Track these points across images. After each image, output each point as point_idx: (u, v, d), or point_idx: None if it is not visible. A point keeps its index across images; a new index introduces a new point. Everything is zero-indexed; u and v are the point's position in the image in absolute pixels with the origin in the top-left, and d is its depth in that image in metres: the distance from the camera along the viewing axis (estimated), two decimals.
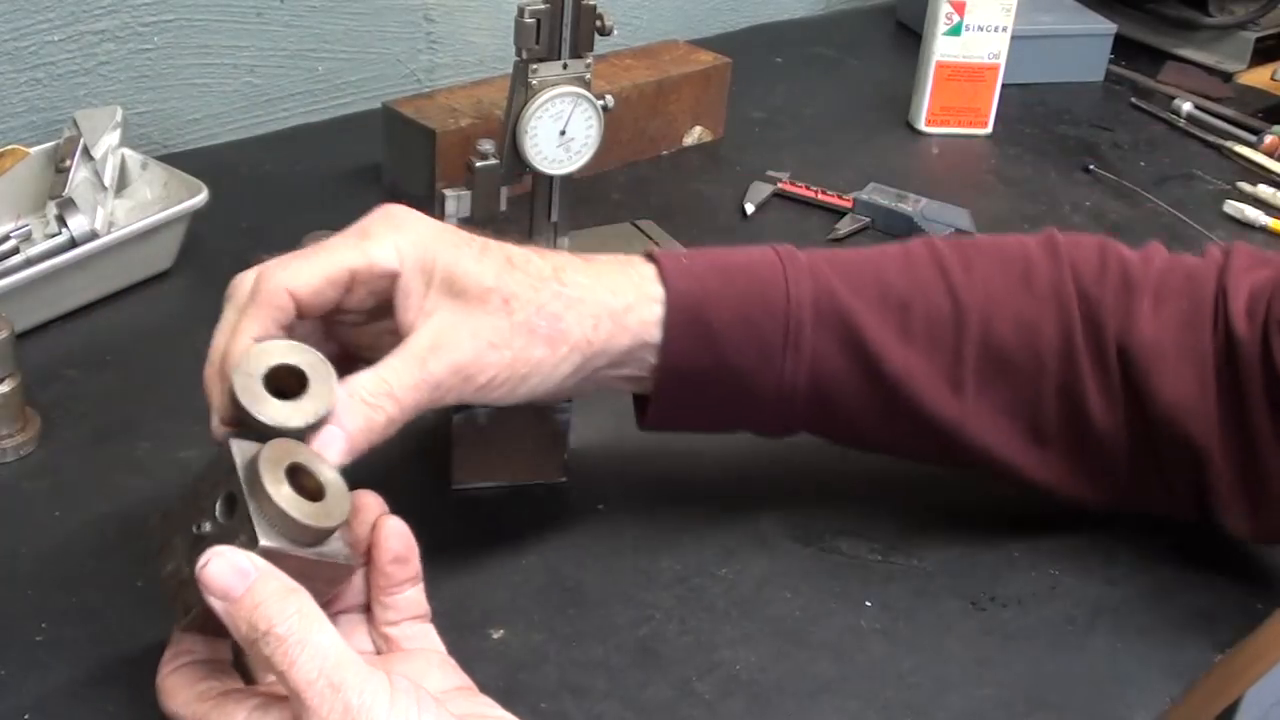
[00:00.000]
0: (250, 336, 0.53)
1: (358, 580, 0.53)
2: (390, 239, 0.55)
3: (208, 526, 0.49)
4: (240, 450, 0.50)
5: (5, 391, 0.67)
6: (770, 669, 0.59)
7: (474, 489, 0.68)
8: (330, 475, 0.51)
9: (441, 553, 0.55)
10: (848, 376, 0.61)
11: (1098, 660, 0.61)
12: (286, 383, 0.52)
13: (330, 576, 0.51)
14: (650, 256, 0.61)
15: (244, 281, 0.55)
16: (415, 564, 0.53)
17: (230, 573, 0.46)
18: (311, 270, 0.54)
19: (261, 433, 0.50)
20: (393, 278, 0.55)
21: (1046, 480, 0.64)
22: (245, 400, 0.50)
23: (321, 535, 0.49)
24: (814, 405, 0.62)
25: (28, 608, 0.59)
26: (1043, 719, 0.58)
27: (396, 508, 0.58)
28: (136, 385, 0.75)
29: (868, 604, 0.63)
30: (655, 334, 0.59)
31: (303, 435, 0.51)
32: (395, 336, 0.56)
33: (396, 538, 0.53)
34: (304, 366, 0.52)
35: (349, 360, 0.56)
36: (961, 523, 0.68)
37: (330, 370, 0.52)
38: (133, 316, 0.81)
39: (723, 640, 0.60)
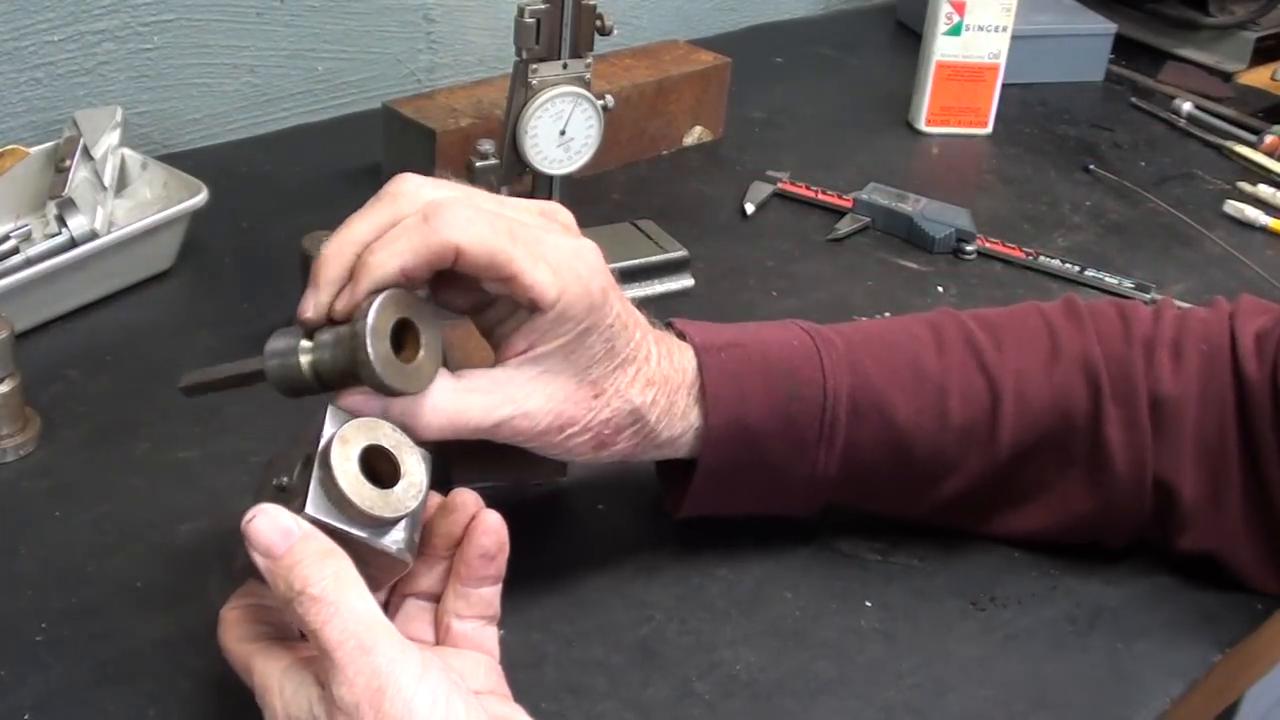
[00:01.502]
0: (400, 265, 0.51)
1: (437, 568, 0.54)
2: (568, 278, 0.53)
3: (285, 480, 0.50)
4: (333, 418, 0.51)
5: (5, 391, 0.67)
6: (770, 669, 0.59)
7: (474, 489, 0.68)
8: (413, 466, 0.51)
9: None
10: (881, 462, 0.62)
11: (1098, 660, 0.61)
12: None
13: (383, 565, 0.51)
14: (695, 347, 0.61)
15: (413, 191, 0.53)
16: (501, 563, 0.54)
17: (274, 530, 0.47)
18: (482, 244, 0.51)
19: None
20: (535, 308, 0.53)
21: (1061, 531, 0.65)
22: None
23: (377, 522, 0.49)
24: (844, 488, 0.63)
25: (28, 608, 0.59)
26: (1042, 719, 0.58)
27: None
28: (136, 385, 0.75)
29: (868, 604, 0.63)
30: (689, 450, 0.61)
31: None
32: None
33: (490, 534, 0.53)
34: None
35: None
36: None
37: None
38: (133, 316, 0.81)
39: (723, 640, 0.60)
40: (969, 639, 0.61)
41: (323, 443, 0.49)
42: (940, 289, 0.93)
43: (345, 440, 0.49)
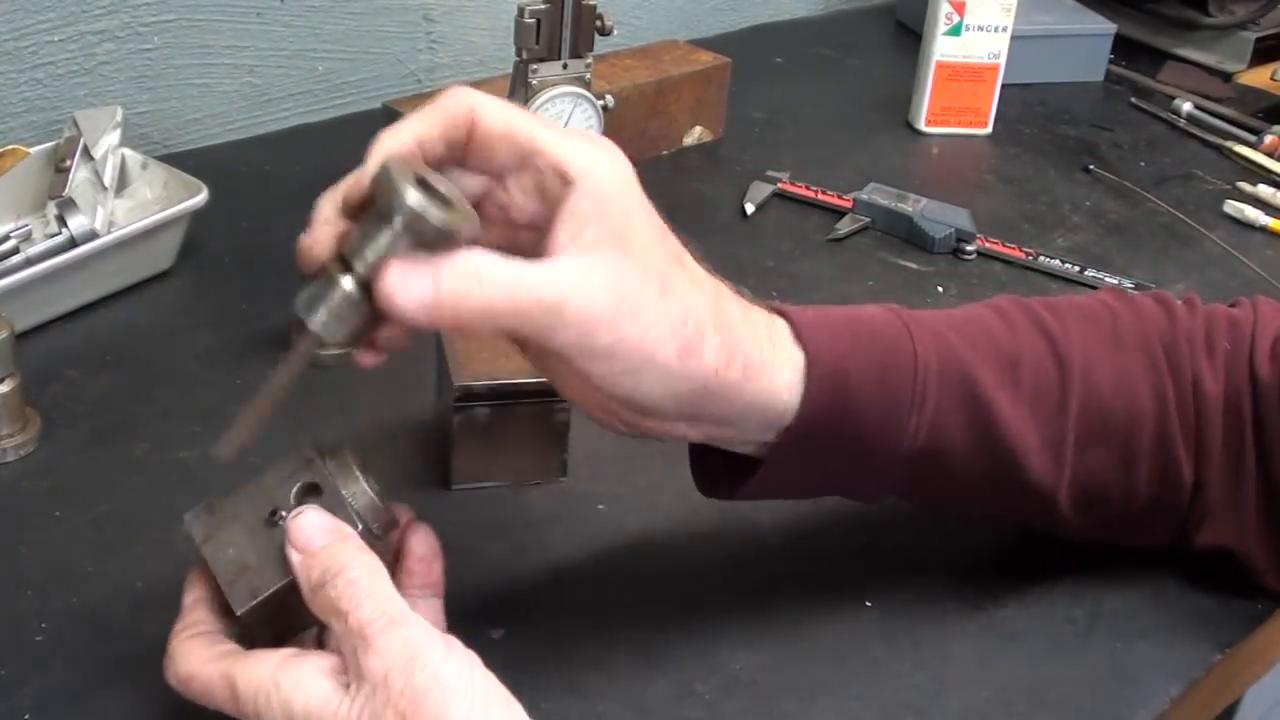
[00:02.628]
0: (415, 133, 0.49)
1: None
2: (599, 154, 0.49)
3: (284, 512, 0.51)
4: (314, 445, 0.52)
5: (5, 391, 0.67)
6: (770, 669, 0.59)
7: (474, 489, 0.68)
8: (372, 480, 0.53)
9: (441, 552, 0.55)
10: (963, 435, 0.58)
11: (1098, 660, 0.61)
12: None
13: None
14: (780, 311, 0.56)
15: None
16: (438, 571, 0.54)
17: (316, 528, 0.49)
18: (502, 110, 0.49)
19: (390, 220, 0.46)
20: (567, 181, 0.48)
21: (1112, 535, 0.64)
22: (397, 175, 0.46)
23: (389, 529, 0.53)
24: (923, 467, 0.58)
25: (28, 608, 0.59)
26: (1042, 719, 0.58)
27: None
28: (136, 385, 0.75)
29: (868, 604, 0.63)
30: (786, 398, 0.54)
31: (432, 238, 0.46)
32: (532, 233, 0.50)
33: (423, 541, 0.54)
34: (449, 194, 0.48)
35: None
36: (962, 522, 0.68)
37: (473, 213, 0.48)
38: (133, 316, 0.81)
39: (723, 640, 0.60)
40: (969, 639, 0.61)
41: (331, 464, 0.52)
42: (940, 289, 0.93)
43: (351, 461, 0.52)
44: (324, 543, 0.49)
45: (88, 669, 0.56)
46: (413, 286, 0.46)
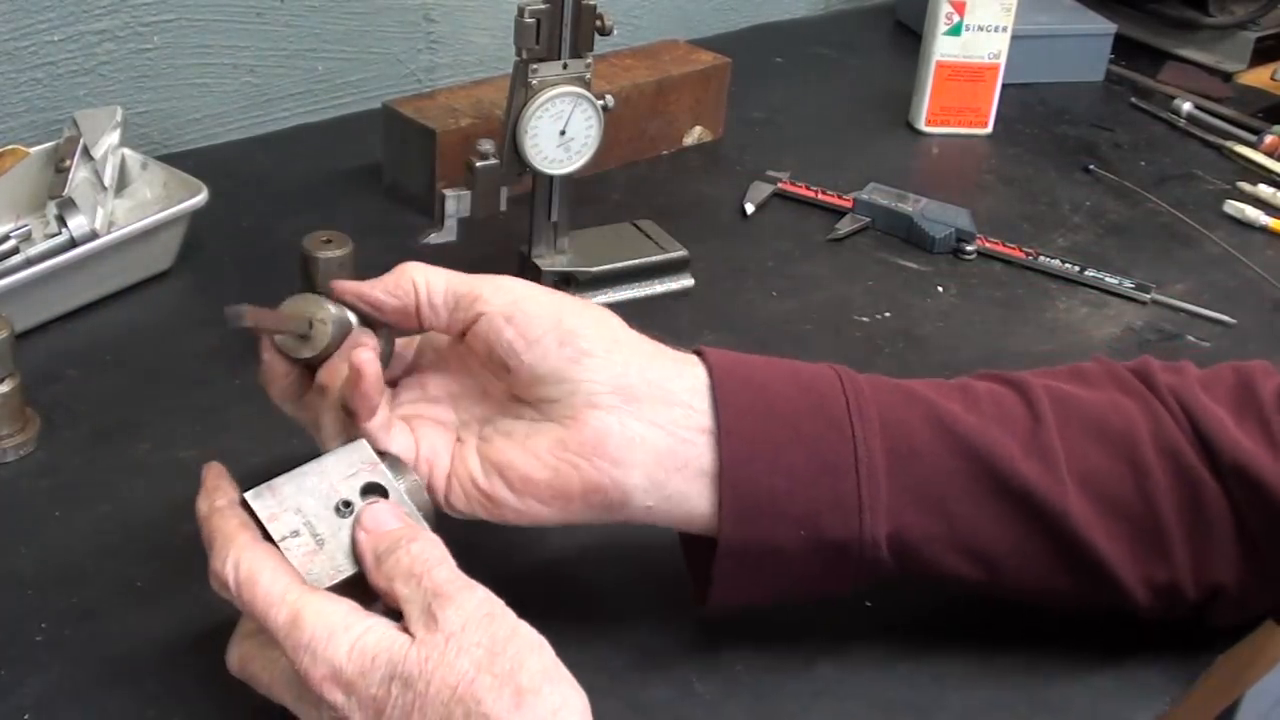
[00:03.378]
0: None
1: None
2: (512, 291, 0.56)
3: (354, 502, 0.53)
4: (341, 458, 0.54)
5: (5, 391, 0.67)
6: (770, 669, 0.59)
7: None
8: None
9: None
10: (925, 442, 0.55)
11: (1098, 660, 0.61)
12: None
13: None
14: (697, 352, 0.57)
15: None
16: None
17: (389, 515, 0.52)
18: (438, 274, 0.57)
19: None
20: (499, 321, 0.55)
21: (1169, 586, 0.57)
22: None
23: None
24: (897, 479, 0.55)
25: (28, 608, 0.59)
26: (1042, 719, 0.58)
27: None
28: (136, 385, 0.75)
29: (868, 604, 0.63)
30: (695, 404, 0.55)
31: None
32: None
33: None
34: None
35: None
36: None
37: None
38: (133, 316, 0.81)
39: (723, 640, 0.60)
40: (969, 639, 0.61)
41: (388, 470, 0.54)
42: (940, 289, 0.93)
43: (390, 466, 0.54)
44: (393, 526, 0.51)
45: (88, 669, 0.56)
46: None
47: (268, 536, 0.51)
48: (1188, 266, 0.98)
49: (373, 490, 0.53)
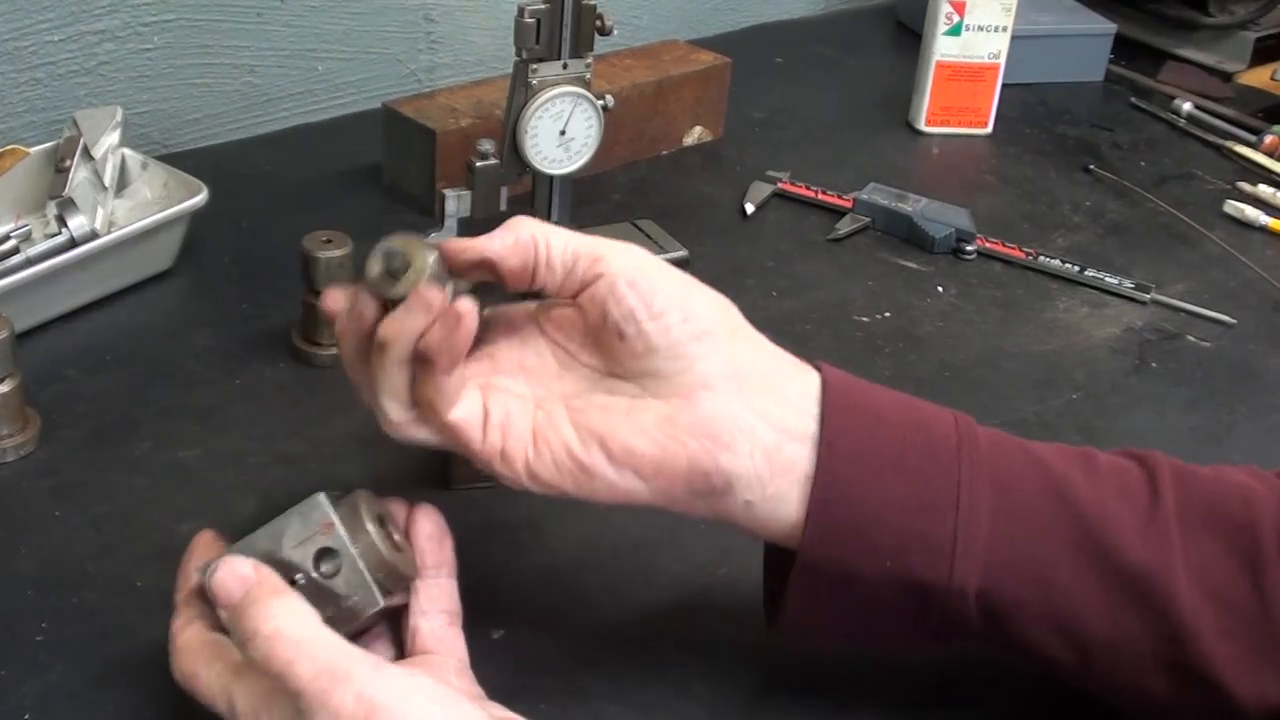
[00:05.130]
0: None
1: None
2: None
3: (301, 579, 0.50)
4: (333, 504, 0.51)
5: (5, 391, 0.67)
6: (771, 669, 0.59)
7: (474, 489, 0.68)
8: (399, 531, 0.54)
9: (449, 531, 0.55)
10: (1033, 500, 0.52)
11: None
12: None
13: (388, 613, 0.53)
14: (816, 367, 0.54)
15: None
16: (449, 549, 0.54)
17: (231, 579, 0.48)
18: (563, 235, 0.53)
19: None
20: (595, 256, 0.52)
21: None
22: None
23: (409, 583, 0.53)
24: (1001, 532, 0.51)
25: (28, 608, 0.59)
26: (1042, 719, 0.58)
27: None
28: (136, 385, 0.75)
29: None
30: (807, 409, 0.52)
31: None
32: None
33: (430, 519, 0.54)
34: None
35: None
36: None
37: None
38: (133, 316, 0.81)
39: (723, 640, 0.60)
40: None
41: (344, 531, 0.50)
42: (940, 289, 0.93)
43: (370, 520, 0.51)
44: (240, 592, 0.47)
45: (88, 669, 0.56)
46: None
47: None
48: (1188, 266, 0.98)
49: (326, 556, 0.50)
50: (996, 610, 0.51)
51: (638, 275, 0.51)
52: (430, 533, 0.54)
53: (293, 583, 0.49)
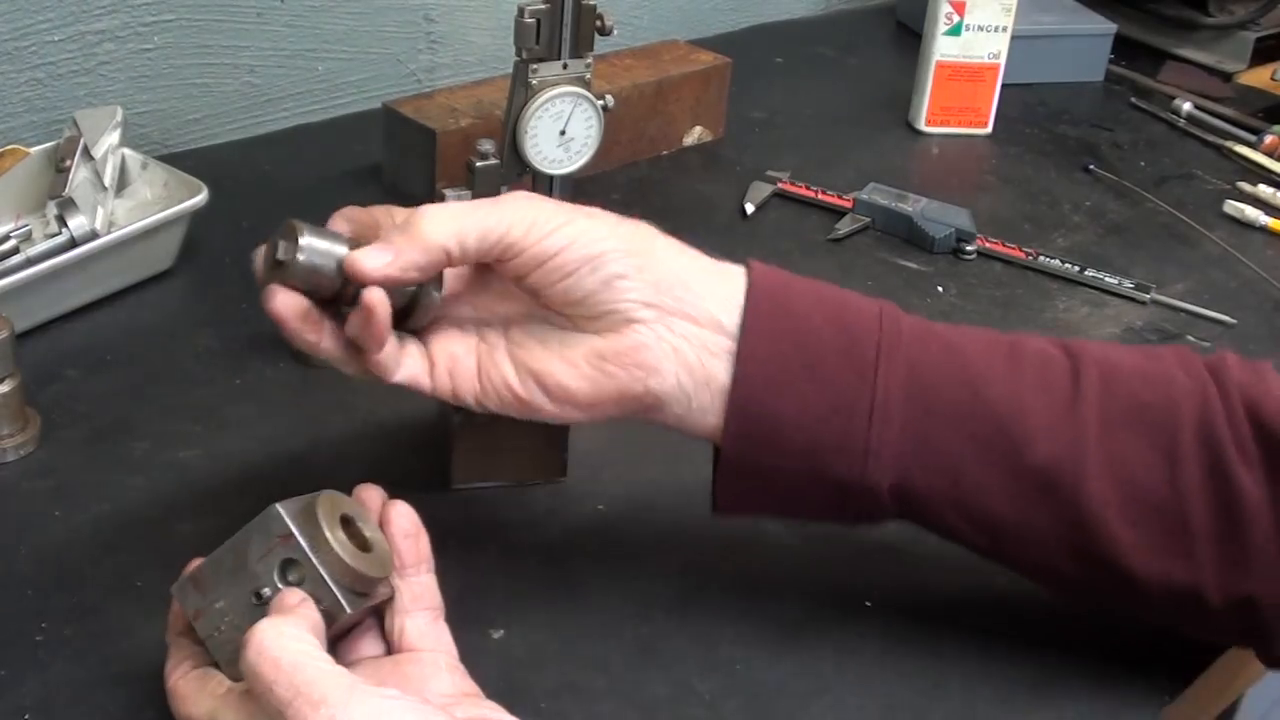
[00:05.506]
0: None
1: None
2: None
3: (268, 592, 0.50)
4: (290, 514, 0.50)
5: (5, 391, 0.67)
6: (770, 669, 0.59)
7: (474, 489, 0.68)
8: (371, 521, 0.53)
9: (442, 552, 0.55)
10: (949, 398, 0.54)
11: (1097, 660, 0.61)
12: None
13: (374, 609, 0.53)
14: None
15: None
16: (425, 545, 0.54)
17: (272, 643, 0.46)
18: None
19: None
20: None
21: (1185, 586, 0.55)
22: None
23: (379, 585, 0.52)
24: (914, 436, 0.54)
25: (28, 608, 0.59)
26: (1042, 718, 0.58)
27: None
28: (136, 385, 0.75)
29: (868, 604, 0.63)
30: (727, 294, 0.56)
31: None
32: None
33: (404, 516, 0.54)
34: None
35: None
36: None
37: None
38: (133, 316, 0.81)
39: (723, 640, 0.60)
40: (969, 638, 0.61)
41: (307, 539, 0.50)
42: (940, 289, 0.93)
43: (332, 525, 0.50)
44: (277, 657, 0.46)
45: (88, 669, 0.56)
46: (371, 254, 0.53)
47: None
48: (1188, 266, 0.98)
49: (290, 566, 0.50)
50: (909, 501, 0.56)
51: (543, 248, 0.54)
52: (406, 530, 0.54)
53: (258, 595, 0.49)
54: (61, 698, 0.54)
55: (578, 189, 0.86)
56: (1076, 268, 0.95)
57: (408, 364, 0.56)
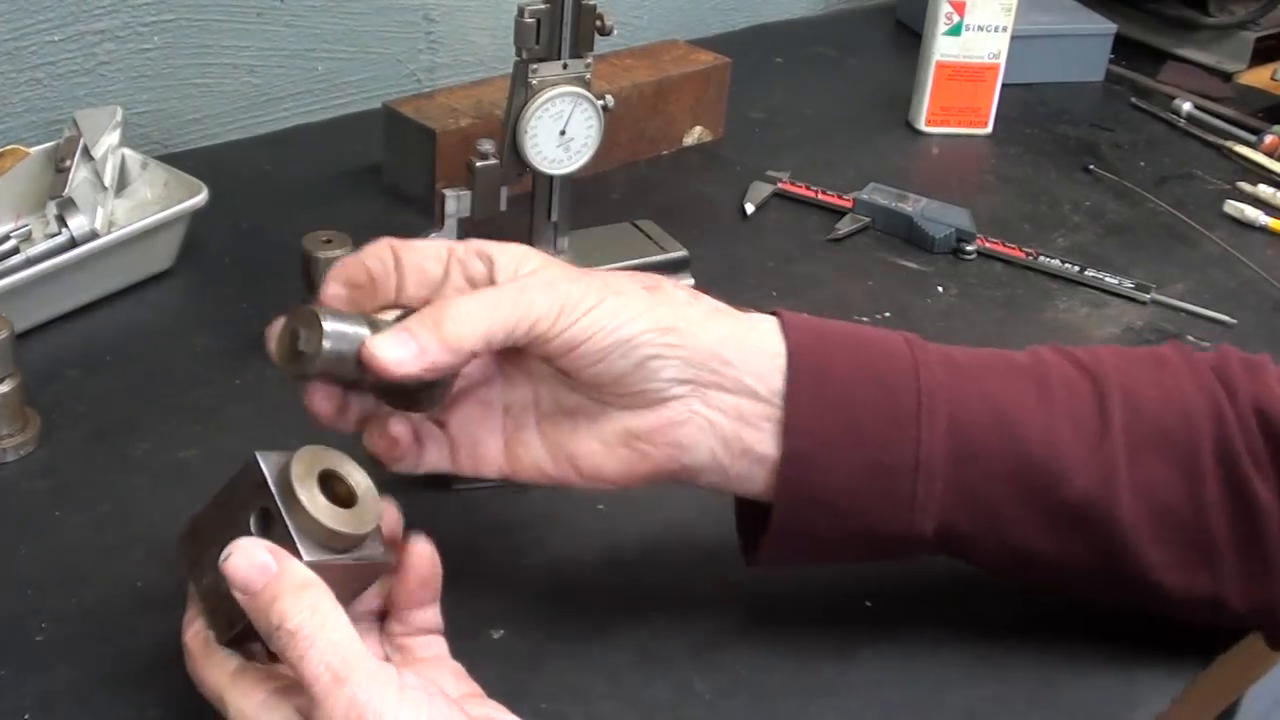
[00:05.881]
0: (342, 273, 0.54)
1: (372, 589, 0.54)
2: (507, 243, 0.56)
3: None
4: (269, 463, 0.50)
5: (5, 391, 0.67)
6: (770, 669, 0.59)
7: (474, 489, 0.68)
8: (360, 478, 0.51)
9: (442, 553, 0.55)
10: (990, 444, 0.55)
11: (1098, 660, 0.61)
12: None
13: (370, 575, 0.52)
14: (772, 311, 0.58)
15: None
16: (438, 584, 0.54)
17: (251, 567, 0.47)
18: (420, 241, 0.55)
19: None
20: (488, 258, 0.54)
21: (1217, 598, 0.57)
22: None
23: (359, 540, 0.50)
24: (957, 485, 0.55)
25: (28, 608, 0.59)
26: (1042, 718, 0.58)
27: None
28: (136, 385, 0.75)
29: (867, 604, 0.63)
30: (774, 347, 0.55)
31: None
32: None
33: (425, 562, 0.53)
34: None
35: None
36: None
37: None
38: (133, 316, 0.81)
39: (723, 640, 0.60)
40: (969, 638, 0.61)
41: (276, 490, 0.49)
42: (940, 289, 0.93)
43: (301, 478, 0.49)
44: (261, 582, 0.47)
45: (88, 669, 0.56)
46: (399, 348, 0.50)
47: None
48: (1188, 266, 0.98)
49: (266, 517, 0.49)
50: (952, 542, 0.57)
51: (571, 337, 0.52)
52: (422, 579, 0.53)
53: None
54: (61, 698, 0.54)
55: (578, 189, 0.86)
56: (1076, 268, 0.95)
57: (429, 459, 0.56)
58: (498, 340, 0.51)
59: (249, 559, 0.47)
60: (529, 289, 0.52)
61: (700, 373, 0.54)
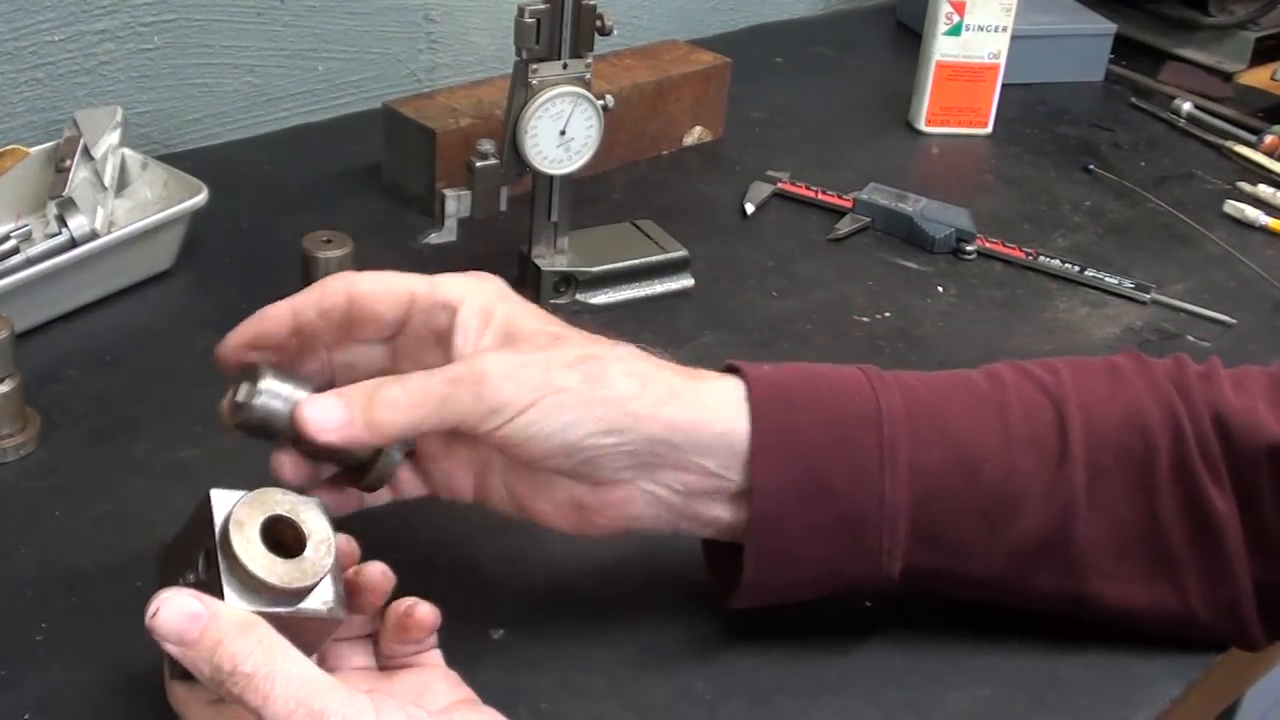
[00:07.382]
0: (291, 305, 0.55)
1: (359, 619, 0.53)
2: (470, 280, 0.56)
3: (192, 578, 0.48)
4: (221, 503, 0.48)
5: (5, 391, 0.67)
6: (770, 669, 0.59)
7: None
8: (315, 522, 0.49)
9: (442, 553, 0.55)
10: (950, 489, 0.56)
11: (1098, 660, 0.61)
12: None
13: (316, 629, 0.49)
14: (728, 367, 0.58)
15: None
16: (423, 634, 0.52)
17: (180, 617, 0.44)
18: (376, 274, 0.55)
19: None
20: (451, 310, 0.54)
21: (1171, 612, 0.59)
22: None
23: (300, 592, 0.47)
24: (918, 530, 0.56)
25: (28, 608, 0.59)
26: (1042, 719, 0.58)
27: (396, 508, 0.58)
28: (136, 385, 0.75)
29: (867, 604, 0.63)
30: (728, 415, 0.55)
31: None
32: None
33: (423, 628, 0.52)
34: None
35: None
36: None
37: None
38: (133, 316, 0.81)
39: (723, 640, 0.60)
40: (969, 638, 0.61)
41: (219, 533, 0.47)
42: (940, 289, 0.93)
43: (241, 523, 0.47)
44: (195, 632, 0.44)
45: (88, 669, 0.56)
46: (328, 414, 0.51)
47: None
48: (1188, 266, 0.98)
49: (208, 559, 0.47)
50: (918, 578, 0.58)
51: (502, 428, 0.51)
52: (417, 641, 0.53)
53: (186, 585, 0.47)
54: (61, 698, 0.54)
55: (578, 189, 0.86)
56: (1076, 268, 0.95)
57: (405, 487, 0.58)
58: (427, 429, 0.52)
59: (177, 609, 0.44)
60: (461, 384, 0.51)
61: (646, 459, 0.54)
